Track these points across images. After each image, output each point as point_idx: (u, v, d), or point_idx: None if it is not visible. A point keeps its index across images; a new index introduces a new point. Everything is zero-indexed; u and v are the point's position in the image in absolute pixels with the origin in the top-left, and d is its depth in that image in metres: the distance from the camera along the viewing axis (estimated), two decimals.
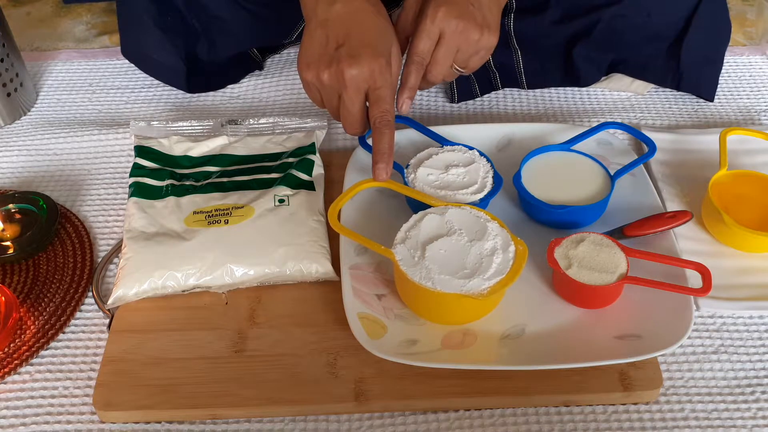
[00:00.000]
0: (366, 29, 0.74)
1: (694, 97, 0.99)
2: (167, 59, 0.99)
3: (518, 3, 0.95)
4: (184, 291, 0.74)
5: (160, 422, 0.67)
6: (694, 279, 0.71)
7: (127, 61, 1.04)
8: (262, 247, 0.75)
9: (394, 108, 0.75)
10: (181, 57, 0.98)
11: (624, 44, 0.95)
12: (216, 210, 0.78)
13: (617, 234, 0.76)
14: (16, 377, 0.70)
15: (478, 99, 1.00)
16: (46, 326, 0.74)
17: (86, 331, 0.74)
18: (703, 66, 0.97)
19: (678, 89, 0.98)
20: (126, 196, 0.82)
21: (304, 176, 0.82)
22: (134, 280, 0.73)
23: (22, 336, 0.73)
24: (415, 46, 0.76)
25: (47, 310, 0.75)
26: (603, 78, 1.00)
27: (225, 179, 0.82)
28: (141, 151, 0.85)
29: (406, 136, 0.86)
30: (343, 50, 0.72)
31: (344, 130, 0.78)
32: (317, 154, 0.85)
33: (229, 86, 1.03)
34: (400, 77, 0.77)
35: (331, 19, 0.74)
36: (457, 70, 0.80)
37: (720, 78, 1.00)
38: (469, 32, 0.76)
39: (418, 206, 0.75)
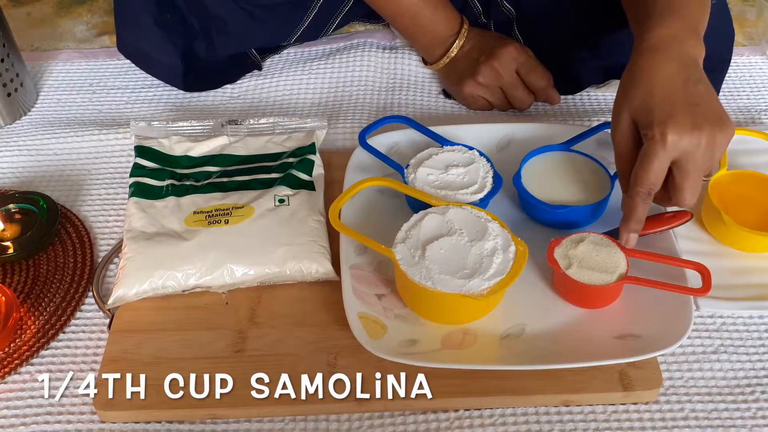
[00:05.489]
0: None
1: None
2: (165, 57, 0.99)
3: (518, 5, 0.94)
4: (184, 291, 0.74)
5: (160, 422, 0.67)
6: (694, 279, 0.71)
7: (127, 61, 1.04)
8: (262, 247, 0.75)
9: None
10: (178, 55, 0.98)
11: (622, 49, 0.94)
12: (216, 210, 0.78)
13: (617, 234, 0.75)
14: (16, 377, 0.70)
15: None
16: (46, 326, 0.74)
17: (86, 331, 0.74)
18: (706, 71, 0.96)
19: None
20: (126, 196, 0.82)
21: (304, 176, 0.82)
22: (134, 280, 0.73)
23: (22, 336, 0.73)
24: (641, 177, 0.66)
25: (47, 310, 0.75)
26: (602, 84, 0.99)
27: (225, 179, 0.82)
28: (141, 151, 0.85)
29: (406, 136, 0.86)
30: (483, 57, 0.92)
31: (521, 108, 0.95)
32: (317, 154, 0.85)
33: (229, 86, 1.03)
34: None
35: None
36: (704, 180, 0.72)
37: None
38: (713, 138, 0.65)
39: (418, 206, 0.75)
